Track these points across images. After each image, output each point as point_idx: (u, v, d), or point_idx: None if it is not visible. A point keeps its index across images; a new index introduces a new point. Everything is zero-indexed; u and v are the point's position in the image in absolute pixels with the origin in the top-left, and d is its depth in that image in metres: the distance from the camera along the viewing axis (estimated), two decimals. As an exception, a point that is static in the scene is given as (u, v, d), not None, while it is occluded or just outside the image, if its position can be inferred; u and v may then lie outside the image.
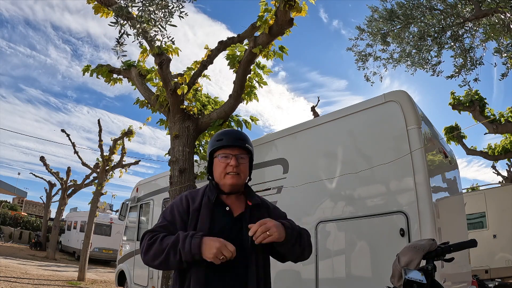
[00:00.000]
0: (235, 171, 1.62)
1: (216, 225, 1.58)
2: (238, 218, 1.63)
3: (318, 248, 3.73)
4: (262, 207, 1.74)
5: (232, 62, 4.92)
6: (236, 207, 1.67)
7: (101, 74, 5.58)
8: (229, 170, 1.62)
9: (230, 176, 1.62)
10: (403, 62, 5.88)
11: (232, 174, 1.62)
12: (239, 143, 1.66)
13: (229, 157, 1.64)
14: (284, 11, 3.91)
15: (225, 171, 1.63)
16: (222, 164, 1.64)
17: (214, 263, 1.42)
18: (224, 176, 1.64)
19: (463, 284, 3.91)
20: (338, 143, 3.93)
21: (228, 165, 1.63)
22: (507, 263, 8.23)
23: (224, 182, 1.64)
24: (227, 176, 1.63)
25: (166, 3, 3.01)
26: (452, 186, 4.23)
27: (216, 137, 1.71)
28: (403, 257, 1.78)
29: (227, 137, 1.67)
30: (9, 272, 9.81)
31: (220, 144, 1.65)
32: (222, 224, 1.59)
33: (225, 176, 1.63)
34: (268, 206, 1.78)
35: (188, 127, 4.80)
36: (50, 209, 21.87)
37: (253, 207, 1.68)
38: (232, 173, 1.62)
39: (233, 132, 1.73)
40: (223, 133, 1.72)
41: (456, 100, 9.64)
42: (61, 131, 13.72)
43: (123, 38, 2.98)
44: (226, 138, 1.66)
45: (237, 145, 1.66)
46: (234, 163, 1.62)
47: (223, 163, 1.64)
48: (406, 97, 3.48)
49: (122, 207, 8.58)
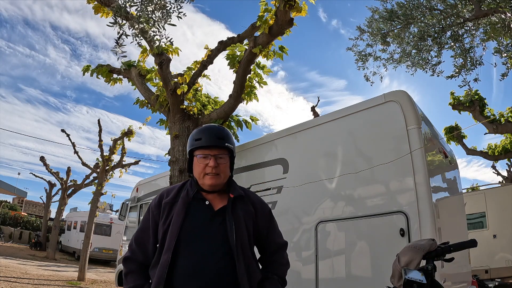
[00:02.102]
0: (214, 172, 1.58)
1: (193, 219, 1.55)
2: (219, 211, 1.59)
3: (318, 248, 3.73)
4: (247, 200, 1.68)
5: (232, 62, 4.92)
6: (218, 202, 1.63)
7: (101, 74, 5.58)
8: (208, 171, 1.59)
9: (209, 177, 1.59)
10: (403, 62, 5.88)
11: (211, 175, 1.59)
12: (219, 142, 1.60)
13: (207, 157, 1.59)
14: (284, 11, 3.91)
15: (204, 171, 1.60)
16: (201, 164, 1.60)
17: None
18: (203, 176, 1.60)
19: (463, 284, 3.91)
20: (338, 143, 3.93)
21: (207, 166, 1.58)
22: (507, 263, 8.22)
23: (203, 182, 1.61)
24: (206, 176, 1.59)
25: (164, 3, 3.01)
26: (452, 186, 4.23)
27: (195, 135, 1.65)
28: (403, 257, 1.78)
29: (206, 136, 1.61)
30: (9, 272, 9.81)
31: (198, 144, 1.61)
32: (199, 219, 1.56)
33: (204, 176, 1.60)
34: (254, 201, 1.72)
35: (188, 127, 4.80)
36: (50, 209, 21.88)
37: (235, 199, 1.63)
38: (211, 174, 1.58)
39: (213, 129, 1.65)
40: (202, 130, 1.66)
41: (456, 100, 9.64)
42: (61, 131, 13.74)
43: (122, 39, 2.98)
44: (204, 138, 1.60)
45: (217, 145, 1.61)
46: (212, 164, 1.58)
47: (201, 163, 1.60)
48: (406, 97, 3.48)
49: (122, 207, 8.58)
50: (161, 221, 1.58)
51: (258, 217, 1.68)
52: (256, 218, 1.67)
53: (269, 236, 1.73)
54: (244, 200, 1.67)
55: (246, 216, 1.62)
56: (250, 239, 1.61)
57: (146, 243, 1.62)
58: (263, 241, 1.72)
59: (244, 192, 1.71)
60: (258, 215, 1.68)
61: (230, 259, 1.49)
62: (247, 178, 4.73)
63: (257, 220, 1.67)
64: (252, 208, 1.67)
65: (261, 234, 1.70)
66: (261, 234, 1.70)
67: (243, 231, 1.56)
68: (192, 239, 1.51)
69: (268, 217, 1.75)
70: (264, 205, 1.76)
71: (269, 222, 1.74)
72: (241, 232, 1.55)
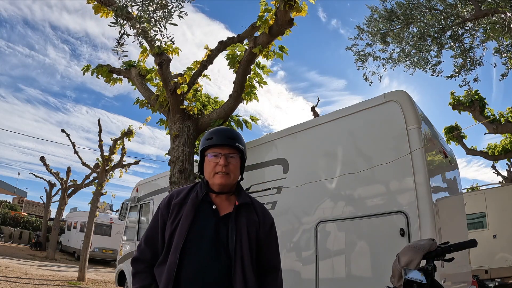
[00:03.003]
0: (224, 171, 1.60)
1: (200, 222, 1.57)
2: (224, 218, 1.61)
3: (318, 248, 3.73)
4: (253, 208, 1.70)
5: (232, 62, 4.92)
6: (224, 207, 1.64)
7: (101, 74, 5.58)
8: (218, 170, 1.61)
9: (219, 176, 1.61)
10: (402, 62, 5.88)
11: (221, 173, 1.61)
12: (229, 142, 1.63)
13: (218, 156, 1.62)
14: (284, 11, 3.91)
15: (214, 170, 1.62)
16: (211, 163, 1.63)
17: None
18: (213, 175, 1.62)
19: (463, 284, 3.91)
20: (338, 143, 3.93)
21: (217, 164, 1.61)
22: (507, 263, 8.22)
23: (213, 182, 1.63)
24: (216, 175, 1.61)
25: (165, 3, 3.01)
26: (452, 186, 4.23)
27: (207, 135, 1.69)
28: (403, 257, 1.78)
29: (217, 135, 1.65)
30: (9, 272, 9.81)
31: (210, 143, 1.64)
32: (206, 222, 1.58)
33: (214, 175, 1.62)
34: (258, 210, 1.72)
35: (188, 127, 4.80)
36: (50, 209, 21.88)
37: (240, 207, 1.65)
38: (221, 172, 1.61)
39: (224, 130, 1.70)
40: (214, 131, 1.69)
41: (456, 100, 9.64)
42: (61, 131, 13.73)
43: (123, 39, 2.98)
44: (216, 137, 1.64)
45: (227, 144, 1.63)
46: (223, 163, 1.60)
47: (212, 162, 1.62)
48: (406, 97, 3.48)
49: (122, 207, 8.58)
50: (169, 221, 1.60)
51: (260, 227, 1.68)
52: (259, 227, 1.68)
53: (268, 249, 1.70)
54: (249, 208, 1.68)
55: (250, 224, 1.63)
56: (252, 248, 1.61)
57: (155, 242, 1.64)
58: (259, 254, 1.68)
59: (251, 200, 1.73)
60: (260, 225, 1.68)
61: (229, 266, 1.51)
62: (247, 178, 4.73)
63: (259, 230, 1.68)
64: (256, 217, 1.68)
65: (260, 244, 1.68)
66: (260, 244, 1.68)
67: (244, 239, 1.57)
68: (198, 241, 1.53)
69: (269, 228, 1.72)
70: (267, 216, 1.75)
71: (268, 233, 1.71)
72: (242, 240, 1.57)
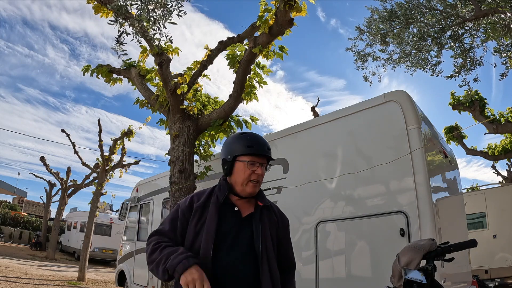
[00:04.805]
0: (259, 180, 1.65)
1: (224, 224, 1.60)
2: (247, 218, 1.64)
3: (318, 248, 3.73)
4: (272, 210, 1.76)
5: (232, 62, 4.91)
6: (245, 208, 1.68)
7: (101, 74, 5.58)
8: (253, 178, 1.63)
9: (252, 185, 1.64)
10: (402, 63, 5.87)
11: (254, 182, 1.64)
12: (268, 153, 1.67)
13: (256, 165, 1.63)
14: (284, 11, 3.91)
15: (249, 178, 1.63)
16: (247, 170, 1.63)
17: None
18: (247, 183, 1.63)
19: (463, 284, 3.91)
20: (338, 143, 3.93)
21: (254, 173, 1.63)
22: (507, 263, 8.22)
23: (244, 189, 1.64)
24: (250, 183, 1.63)
25: (164, 2, 3.01)
26: (452, 186, 4.23)
27: (245, 141, 1.66)
28: (403, 257, 1.78)
29: (257, 145, 1.65)
30: (9, 272, 9.81)
31: (251, 151, 1.63)
32: (230, 224, 1.60)
33: (248, 183, 1.63)
34: (276, 212, 1.80)
35: (188, 127, 4.79)
36: (50, 209, 21.86)
37: (263, 208, 1.70)
38: (255, 181, 1.64)
39: (263, 140, 1.71)
40: (252, 139, 1.68)
41: (456, 100, 9.63)
42: (61, 131, 13.73)
43: (123, 37, 2.97)
44: (256, 146, 1.64)
45: (266, 154, 1.66)
46: (261, 172, 1.64)
47: (249, 169, 1.63)
48: (406, 97, 3.48)
49: (122, 207, 8.58)
50: (192, 223, 1.62)
51: (280, 228, 1.76)
52: (278, 228, 1.75)
53: (285, 248, 1.80)
54: (269, 209, 1.74)
55: (271, 224, 1.69)
56: (274, 247, 1.67)
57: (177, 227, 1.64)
58: (279, 253, 1.76)
59: (270, 203, 1.79)
60: (279, 226, 1.76)
61: (255, 266, 1.55)
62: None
63: (279, 230, 1.75)
64: (275, 218, 1.75)
65: (280, 244, 1.76)
66: (280, 244, 1.76)
67: (268, 239, 1.63)
68: (225, 242, 1.56)
69: (286, 229, 1.82)
70: (284, 218, 1.84)
71: (285, 234, 1.81)
72: (267, 239, 1.62)
